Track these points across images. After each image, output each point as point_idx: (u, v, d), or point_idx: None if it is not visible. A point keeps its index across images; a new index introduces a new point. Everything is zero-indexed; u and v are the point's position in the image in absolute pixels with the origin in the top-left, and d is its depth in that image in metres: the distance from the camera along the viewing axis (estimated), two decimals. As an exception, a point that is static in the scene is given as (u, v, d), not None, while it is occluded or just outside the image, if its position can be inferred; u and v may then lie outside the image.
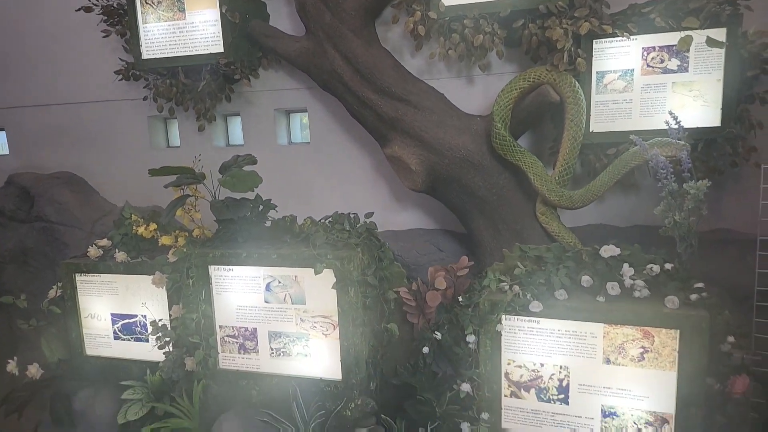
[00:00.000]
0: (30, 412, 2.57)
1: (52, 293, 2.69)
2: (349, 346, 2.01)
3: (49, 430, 2.55)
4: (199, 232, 2.53)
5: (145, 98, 3.37)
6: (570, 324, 1.75)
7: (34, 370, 2.60)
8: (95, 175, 3.70)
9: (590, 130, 2.42)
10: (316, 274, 1.98)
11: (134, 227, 2.57)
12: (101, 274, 2.61)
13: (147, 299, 2.54)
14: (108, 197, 3.71)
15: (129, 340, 2.63)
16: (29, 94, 3.74)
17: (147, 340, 2.59)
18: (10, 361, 2.59)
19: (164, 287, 2.43)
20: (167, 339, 2.38)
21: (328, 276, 2.00)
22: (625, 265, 1.76)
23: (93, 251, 2.62)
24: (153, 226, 2.50)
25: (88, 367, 2.67)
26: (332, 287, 2.00)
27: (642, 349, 1.67)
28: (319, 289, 2.04)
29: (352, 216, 2.23)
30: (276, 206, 2.37)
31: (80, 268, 2.63)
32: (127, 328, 2.62)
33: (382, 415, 2.00)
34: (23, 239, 3.48)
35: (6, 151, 3.88)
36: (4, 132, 3.87)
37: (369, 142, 3.08)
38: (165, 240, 2.43)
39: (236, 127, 3.62)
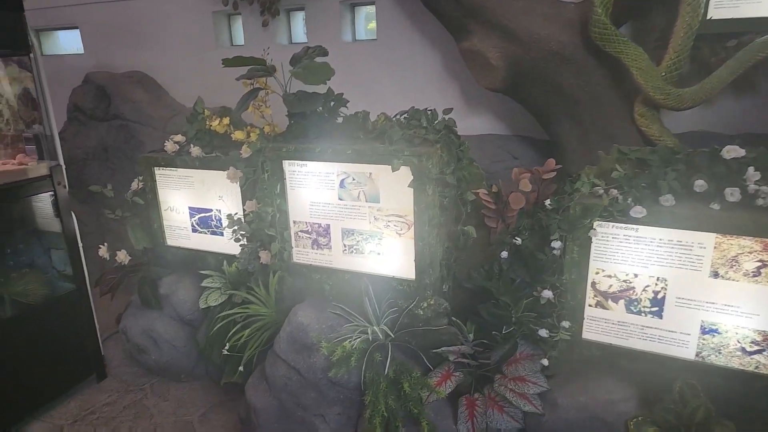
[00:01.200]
0: (120, 294, 2.70)
1: (134, 185, 2.72)
2: (424, 246, 1.89)
3: (138, 310, 2.68)
4: (269, 129, 2.41)
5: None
6: (675, 233, 1.53)
7: (122, 256, 2.69)
8: (164, 74, 3.63)
9: (708, 18, 2.02)
10: (393, 171, 1.83)
11: (207, 122, 2.48)
12: (178, 169, 2.58)
13: (221, 194, 2.51)
14: (176, 97, 3.65)
15: (205, 233, 2.64)
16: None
17: (222, 234, 2.60)
18: (101, 246, 2.69)
19: (238, 182, 2.38)
20: (242, 233, 2.36)
21: (404, 174, 1.85)
22: (750, 169, 1.49)
23: (170, 146, 2.58)
24: (226, 120, 2.40)
25: (170, 256, 2.74)
26: (409, 185, 1.86)
27: (759, 263, 1.45)
28: (394, 187, 1.90)
29: (429, 112, 2.02)
30: (348, 101, 2.20)
31: (158, 162, 2.61)
32: (204, 221, 2.63)
33: (453, 318, 1.93)
34: (103, 137, 3.52)
35: (81, 50, 3.84)
36: (78, 30, 3.82)
37: (440, 37, 2.78)
38: (238, 135, 2.33)
39: (299, 23, 3.38)
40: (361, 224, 2.01)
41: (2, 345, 2.19)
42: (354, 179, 1.97)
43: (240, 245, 2.38)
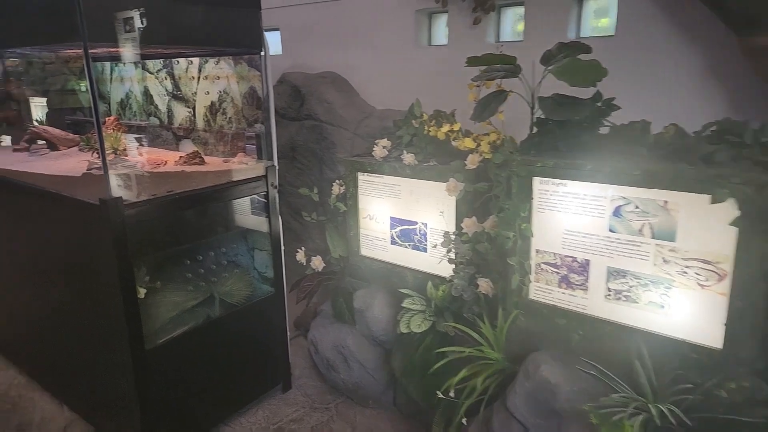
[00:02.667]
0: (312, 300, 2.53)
1: (336, 189, 2.54)
2: (746, 307, 1.37)
3: (328, 321, 2.49)
4: (495, 137, 2.05)
5: (417, -14, 2.92)
6: None
7: (317, 262, 2.53)
8: (356, 75, 3.49)
9: None
10: (714, 202, 1.34)
11: (426, 127, 2.19)
12: (385, 176, 2.34)
13: (431, 207, 2.21)
14: (367, 98, 3.50)
15: (406, 246, 2.37)
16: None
17: (425, 250, 2.30)
18: (298, 250, 2.55)
19: (456, 196, 2.05)
20: (458, 253, 2.02)
21: (723, 207, 1.35)
22: None
23: (378, 151, 2.34)
24: (456, 126, 2.08)
25: (363, 267, 2.52)
26: (731, 223, 1.35)
27: None
28: (701, 222, 1.41)
29: (750, 125, 1.49)
30: (619, 107, 1.74)
31: (364, 167, 2.39)
32: (406, 234, 2.35)
33: None
34: (293, 136, 3.48)
35: (280, 51, 3.88)
36: (278, 32, 3.86)
37: (703, 31, 2.20)
38: (466, 143, 2.00)
39: (507, 20, 3.00)
40: (640, 266, 1.54)
41: (209, 346, 2.11)
42: (637, 207, 1.51)
43: (453, 270, 2.05)
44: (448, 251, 2.07)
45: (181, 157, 2.21)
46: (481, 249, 1.97)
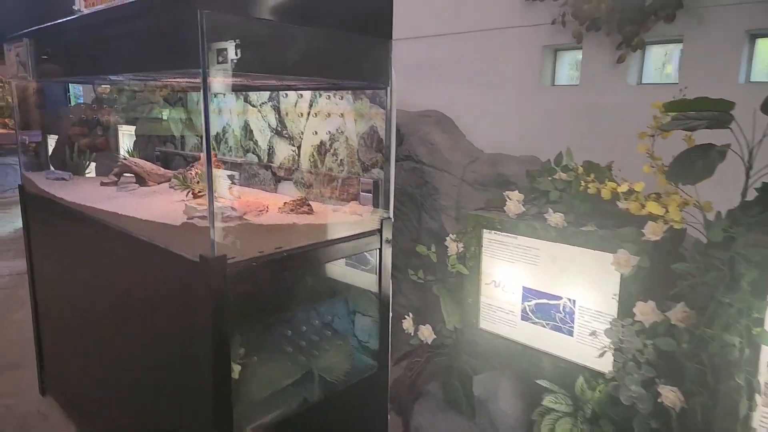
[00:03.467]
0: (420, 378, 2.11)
1: (453, 247, 2.15)
2: None
3: (437, 406, 2.05)
4: (679, 200, 1.59)
5: (553, 22, 2.57)
6: None
7: (426, 333, 2.12)
8: (463, 115, 3.16)
9: None
10: None
11: (582, 182, 1.78)
12: (520, 236, 1.93)
13: (582, 280, 1.77)
14: (474, 140, 3.15)
15: (543, 325, 1.91)
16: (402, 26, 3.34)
17: (570, 333, 1.84)
18: (406, 317, 2.15)
19: (626, 272, 1.60)
20: (627, 347, 1.55)
21: None
22: None
23: (512, 206, 1.94)
24: (637, 186, 1.64)
25: (483, 343, 2.08)
26: None
27: None
28: None
29: None
30: None
31: (493, 223, 1.99)
32: (544, 310, 1.91)
33: None
34: (388, 178, 3.17)
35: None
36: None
37: None
38: (652, 208, 1.55)
39: (650, 59, 2.58)
40: None
41: (307, 435, 1.72)
42: None
43: (619, 368, 1.58)
44: (614, 342, 1.61)
45: (285, 203, 1.90)
46: (664, 346, 1.49)
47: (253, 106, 2.45)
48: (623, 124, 2.16)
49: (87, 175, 2.88)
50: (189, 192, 1.98)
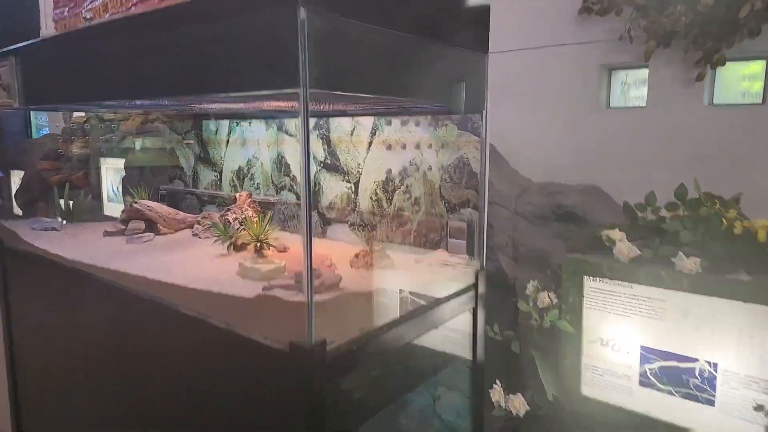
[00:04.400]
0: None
1: (543, 299, 1.80)
2: None
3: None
4: None
5: (621, 37, 2.32)
6: None
7: (517, 404, 1.76)
8: (506, 140, 2.87)
9: None
10: None
11: (723, 220, 1.48)
12: (636, 285, 1.60)
13: (727, 338, 1.45)
14: (519, 168, 2.85)
15: (671, 393, 1.58)
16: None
17: (711, 403, 1.51)
18: (495, 385, 1.78)
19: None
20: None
21: None
22: None
23: (625, 248, 1.63)
24: None
25: (587, 414, 1.73)
26: None
27: None
28: None
29: None
30: None
31: (600, 270, 1.67)
32: (672, 374, 1.58)
33: None
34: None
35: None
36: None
37: None
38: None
39: (720, 76, 2.37)
40: None
41: None
42: None
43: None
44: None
45: (358, 255, 1.52)
46: None
47: (291, 135, 2.08)
48: (705, 148, 1.93)
49: (71, 221, 2.41)
50: (230, 244, 1.58)
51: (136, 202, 2.01)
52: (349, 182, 1.91)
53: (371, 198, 1.88)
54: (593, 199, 2.09)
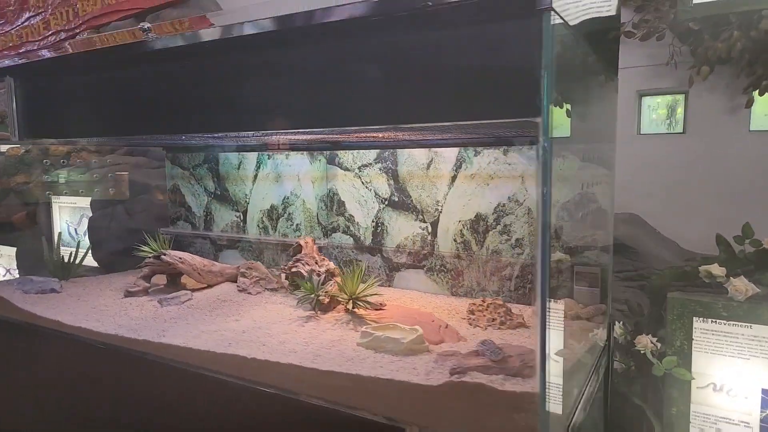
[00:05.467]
0: None
1: (645, 343, 1.65)
2: None
3: None
4: None
5: (667, 63, 2.29)
6: None
7: (630, 463, 1.57)
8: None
9: None
10: None
11: None
12: (755, 325, 1.49)
13: None
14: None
15: (802, 442, 1.46)
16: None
17: None
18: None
19: None
20: None
21: None
22: None
23: (741, 286, 1.52)
24: None
25: (703, 468, 1.57)
26: None
27: None
28: None
29: None
30: None
31: (714, 310, 1.54)
32: (801, 420, 1.46)
33: None
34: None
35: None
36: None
37: None
38: None
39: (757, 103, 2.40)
40: None
41: None
42: None
43: None
44: None
45: (475, 310, 1.28)
46: None
47: (347, 169, 1.82)
48: (751, 173, 1.91)
49: (65, 278, 1.97)
50: (315, 301, 1.29)
51: (164, 254, 1.65)
52: (424, 222, 1.68)
53: (454, 240, 1.69)
54: (635, 228, 2.00)
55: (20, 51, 3.70)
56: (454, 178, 1.58)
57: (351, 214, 1.82)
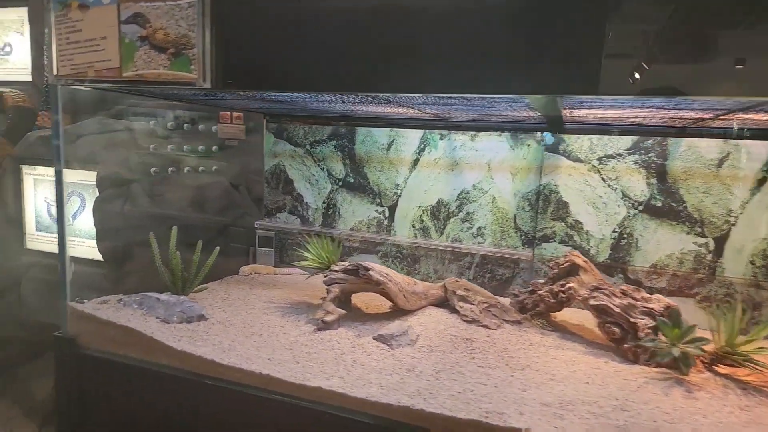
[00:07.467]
0: None
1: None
2: None
3: None
4: None
5: None
6: None
7: None
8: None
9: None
10: None
11: None
12: None
13: None
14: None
15: None
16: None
17: None
18: None
19: None
20: None
21: None
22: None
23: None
24: None
25: None
26: None
27: None
28: None
29: None
30: None
31: None
32: None
33: None
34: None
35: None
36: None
37: None
38: None
39: None
40: None
41: None
42: None
43: None
44: None
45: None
46: None
47: (578, 160, 1.41)
48: None
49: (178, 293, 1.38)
50: (682, 358, 0.90)
51: (367, 267, 1.15)
52: (704, 236, 1.32)
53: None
54: None
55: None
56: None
57: (577, 219, 1.42)
